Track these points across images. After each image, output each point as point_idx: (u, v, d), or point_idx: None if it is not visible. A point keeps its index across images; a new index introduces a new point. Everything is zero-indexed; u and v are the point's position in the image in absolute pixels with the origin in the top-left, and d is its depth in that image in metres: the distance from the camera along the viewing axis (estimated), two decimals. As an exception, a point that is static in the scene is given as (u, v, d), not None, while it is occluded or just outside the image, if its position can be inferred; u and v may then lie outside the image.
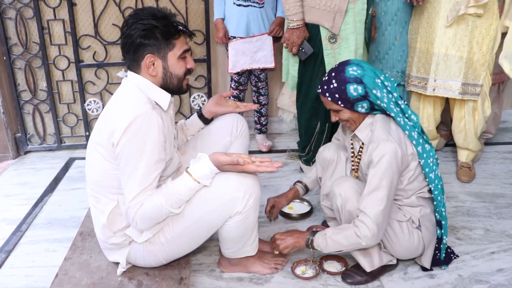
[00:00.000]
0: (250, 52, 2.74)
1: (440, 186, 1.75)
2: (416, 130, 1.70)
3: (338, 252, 1.73)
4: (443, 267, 1.87)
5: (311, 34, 2.26)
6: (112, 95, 1.64)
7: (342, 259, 1.89)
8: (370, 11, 2.29)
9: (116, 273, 1.68)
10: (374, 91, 1.66)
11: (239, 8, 2.66)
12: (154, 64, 1.54)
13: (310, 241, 1.74)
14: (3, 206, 2.40)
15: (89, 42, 2.89)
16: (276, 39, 2.80)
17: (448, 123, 2.76)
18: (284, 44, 2.31)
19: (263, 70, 2.88)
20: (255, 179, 1.59)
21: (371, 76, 1.67)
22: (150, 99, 1.55)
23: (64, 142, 3.07)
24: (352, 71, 1.67)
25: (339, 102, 1.70)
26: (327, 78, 1.72)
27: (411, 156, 1.69)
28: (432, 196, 1.76)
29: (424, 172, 1.72)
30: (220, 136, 1.92)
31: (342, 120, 1.76)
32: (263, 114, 3.04)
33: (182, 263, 1.74)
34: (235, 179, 1.54)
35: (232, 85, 2.92)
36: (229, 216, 1.59)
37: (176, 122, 1.94)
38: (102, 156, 1.54)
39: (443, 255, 1.85)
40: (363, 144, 1.77)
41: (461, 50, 2.31)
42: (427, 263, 1.82)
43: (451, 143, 2.90)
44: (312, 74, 2.34)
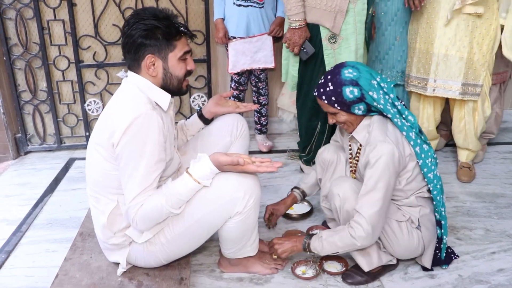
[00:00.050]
0: (250, 52, 2.74)
1: (439, 186, 1.75)
2: (414, 130, 1.70)
3: (334, 253, 1.73)
4: (444, 267, 1.87)
5: (311, 34, 2.26)
6: (112, 95, 1.64)
7: (342, 259, 1.89)
8: (370, 11, 2.29)
9: (116, 273, 1.68)
10: (371, 93, 1.65)
11: (239, 8, 2.66)
12: (154, 64, 1.54)
13: (307, 244, 1.74)
14: (3, 207, 2.40)
15: (89, 43, 2.89)
16: (276, 39, 2.80)
17: (448, 123, 2.76)
18: (285, 44, 2.31)
19: (263, 70, 2.88)
20: (255, 180, 1.59)
21: (367, 78, 1.66)
22: (150, 99, 1.55)
23: (64, 143, 3.07)
24: (347, 73, 1.67)
25: (336, 105, 1.70)
26: (323, 81, 1.72)
27: (409, 157, 1.69)
28: (432, 196, 1.76)
29: (423, 172, 1.72)
30: (220, 137, 1.92)
31: (339, 122, 1.76)
32: (263, 114, 3.04)
33: (182, 264, 1.74)
34: (235, 180, 1.54)
35: (232, 85, 2.92)
36: (229, 217, 1.59)
37: (176, 123, 1.94)
38: (102, 157, 1.54)
39: (444, 254, 1.85)
40: (360, 146, 1.76)
41: (461, 51, 2.31)
42: (427, 263, 1.82)
43: (451, 143, 2.89)
44: (313, 74, 2.34)
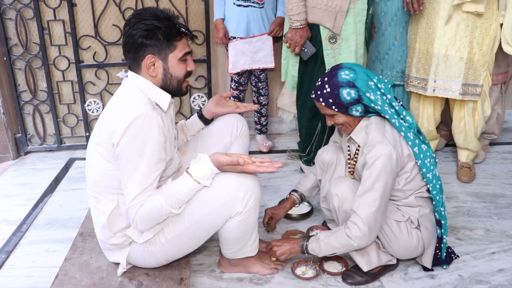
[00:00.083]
0: (250, 52, 2.74)
1: (438, 186, 1.75)
2: (412, 130, 1.70)
3: (332, 254, 1.73)
4: (444, 267, 1.87)
5: (312, 34, 2.26)
6: (112, 95, 1.64)
7: (342, 259, 1.89)
8: (370, 11, 2.29)
9: (116, 273, 1.68)
10: (368, 94, 1.65)
11: (239, 9, 2.66)
12: (154, 64, 1.54)
13: (305, 246, 1.74)
14: (3, 207, 2.40)
15: (89, 43, 2.89)
16: (276, 39, 2.80)
17: (448, 123, 2.76)
18: (287, 44, 2.31)
19: (263, 71, 2.88)
20: (255, 180, 1.59)
21: (363, 79, 1.66)
22: (150, 99, 1.55)
23: (64, 143, 3.07)
24: (344, 75, 1.66)
25: (333, 107, 1.70)
26: (320, 84, 1.72)
27: (407, 157, 1.69)
28: (431, 195, 1.76)
29: (422, 173, 1.72)
30: (220, 137, 1.92)
31: (337, 124, 1.76)
32: (263, 114, 3.04)
33: (182, 264, 1.74)
34: (235, 180, 1.54)
35: (232, 85, 2.92)
36: (229, 217, 1.59)
37: (176, 123, 1.94)
38: (102, 157, 1.54)
39: (444, 254, 1.85)
40: (359, 147, 1.77)
41: (461, 51, 2.31)
42: (428, 263, 1.82)
43: (451, 143, 2.89)
44: (313, 74, 2.34)
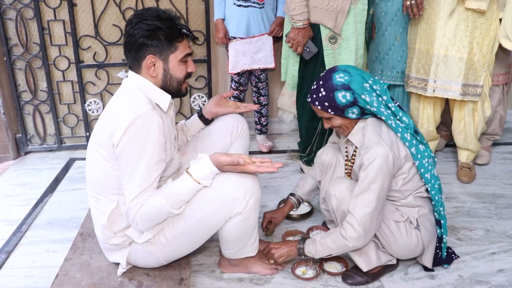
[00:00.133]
0: (250, 52, 2.74)
1: (437, 185, 1.75)
2: (409, 131, 1.70)
3: (329, 255, 1.73)
4: (445, 266, 1.87)
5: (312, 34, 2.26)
6: (113, 95, 1.64)
7: (342, 259, 1.89)
8: (371, 12, 2.29)
9: (116, 273, 1.68)
10: (363, 96, 1.65)
11: (239, 9, 2.66)
12: (155, 65, 1.54)
13: (302, 249, 1.74)
14: (3, 207, 2.40)
15: (89, 43, 2.89)
16: (276, 39, 2.80)
17: (448, 123, 2.76)
18: (289, 44, 2.31)
19: (264, 71, 2.88)
20: (255, 180, 1.59)
21: (358, 81, 1.66)
22: (151, 99, 1.55)
23: (65, 143, 3.07)
24: (339, 78, 1.67)
25: (329, 110, 1.70)
26: (315, 87, 1.72)
27: (405, 158, 1.69)
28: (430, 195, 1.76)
29: (420, 173, 1.72)
30: (220, 137, 1.92)
31: (334, 126, 1.76)
32: (264, 114, 3.04)
33: (182, 264, 1.74)
34: (235, 180, 1.54)
35: (232, 85, 2.92)
36: (229, 217, 1.59)
37: (177, 123, 1.94)
38: (102, 157, 1.54)
39: (445, 253, 1.85)
40: (356, 148, 1.77)
41: (461, 51, 2.31)
42: (428, 263, 1.82)
43: (451, 143, 2.89)
44: (313, 74, 2.34)
